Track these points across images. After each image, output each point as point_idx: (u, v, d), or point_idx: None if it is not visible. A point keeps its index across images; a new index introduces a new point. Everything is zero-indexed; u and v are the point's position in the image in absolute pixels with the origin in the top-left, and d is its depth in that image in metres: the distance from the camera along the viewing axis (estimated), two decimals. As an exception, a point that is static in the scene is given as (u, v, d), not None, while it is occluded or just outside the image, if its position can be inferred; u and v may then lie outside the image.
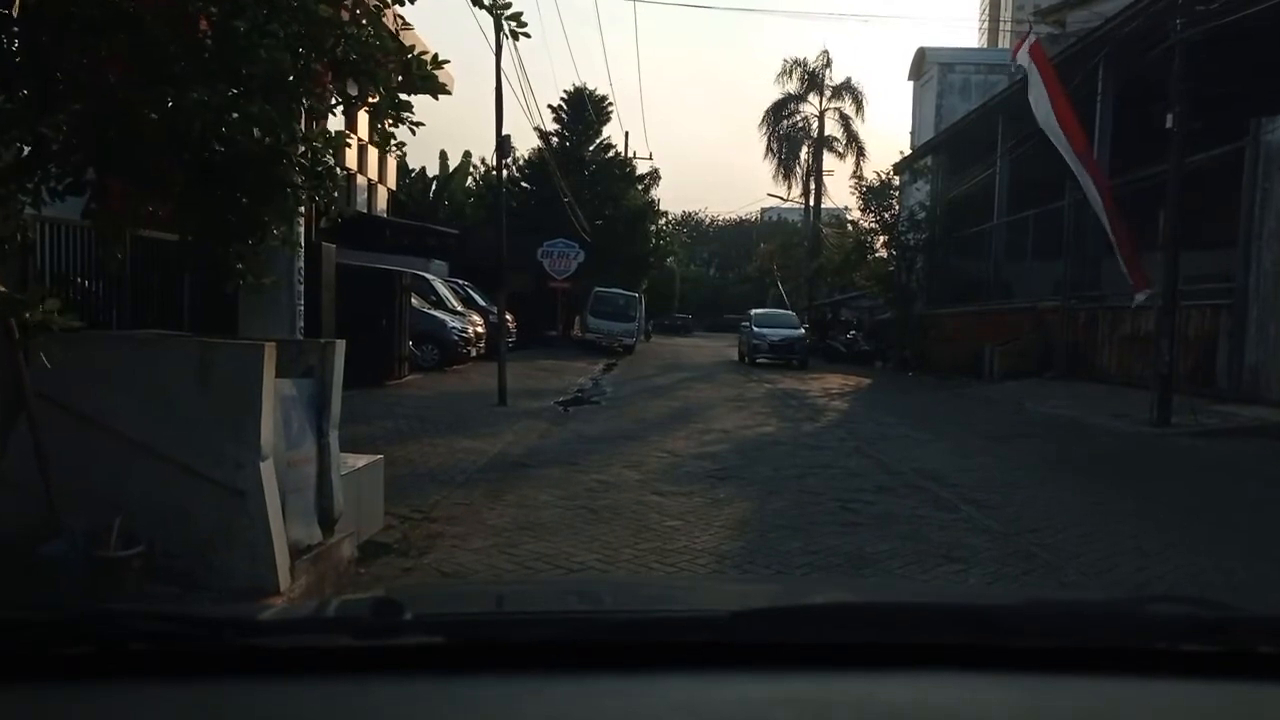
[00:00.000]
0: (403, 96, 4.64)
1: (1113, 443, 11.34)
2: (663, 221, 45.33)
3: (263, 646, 1.06)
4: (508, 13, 5.49)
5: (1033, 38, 16.69)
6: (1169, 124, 12.52)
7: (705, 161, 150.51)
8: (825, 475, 8.13)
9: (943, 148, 28.13)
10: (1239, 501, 8.02)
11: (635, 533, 5.74)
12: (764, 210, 69.91)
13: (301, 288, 5.53)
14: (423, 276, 18.53)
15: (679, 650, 1.07)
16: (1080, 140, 15.95)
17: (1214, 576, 5.24)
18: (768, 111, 40.63)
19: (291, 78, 4.34)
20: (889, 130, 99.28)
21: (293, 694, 1.00)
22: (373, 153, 22.75)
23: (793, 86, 40.05)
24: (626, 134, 52.72)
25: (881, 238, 28.13)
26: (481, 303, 21.08)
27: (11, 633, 1.06)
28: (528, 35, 4.92)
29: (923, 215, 26.48)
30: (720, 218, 79.90)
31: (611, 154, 36.56)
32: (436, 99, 4.55)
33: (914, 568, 5.18)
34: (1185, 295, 13.92)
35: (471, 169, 35.46)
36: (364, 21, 4.50)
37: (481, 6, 4.83)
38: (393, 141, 4.95)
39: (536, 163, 32.90)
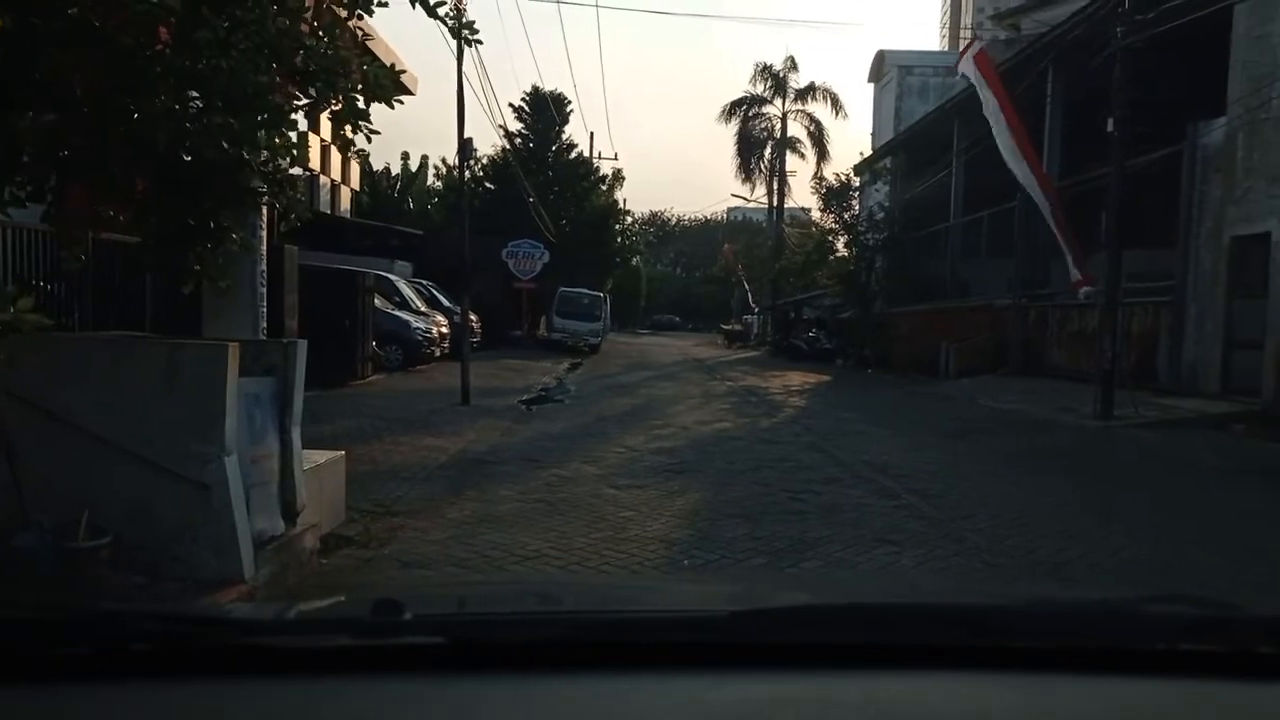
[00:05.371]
0: (361, 104, 4.84)
1: (1057, 435, 11.76)
2: (628, 221, 45.62)
3: (263, 646, 1.07)
4: (462, 20, 5.77)
5: (977, 47, 17.13)
6: (1110, 128, 13.00)
7: (672, 162, 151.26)
8: (779, 469, 8.41)
9: (901, 149, 28.67)
10: (1170, 488, 8.43)
11: (590, 523, 5.97)
12: (730, 210, 70.38)
13: (264, 289, 5.68)
14: (386, 277, 18.61)
15: (679, 650, 1.07)
16: (1027, 144, 16.43)
17: (1136, 552, 5.59)
18: (725, 109, 41.14)
19: (253, 88, 4.52)
20: (850, 132, 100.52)
21: (293, 694, 1.00)
22: (336, 153, 22.75)
23: (761, 89, 40.60)
24: (591, 134, 52.69)
25: (842, 238, 28.62)
26: (446, 303, 21.17)
27: (12, 633, 1.06)
28: (480, 41, 5.26)
29: (882, 215, 26.99)
30: (686, 217, 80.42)
31: (575, 154, 36.76)
32: (393, 108, 4.75)
33: (852, 550, 5.46)
34: (1129, 293, 14.46)
35: (434, 169, 35.52)
36: (321, 34, 4.69)
37: (435, 16, 5.02)
38: (353, 148, 5.15)
39: (500, 163, 32.99)
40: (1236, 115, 13.27)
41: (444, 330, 19.03)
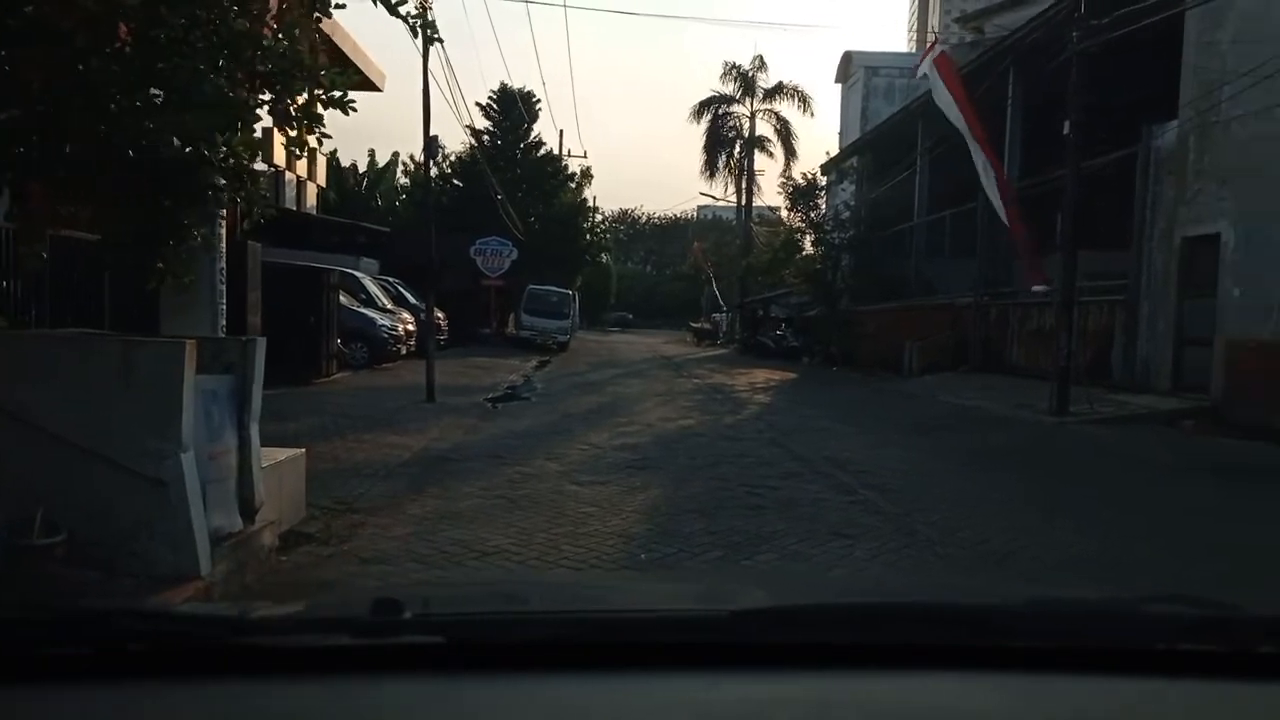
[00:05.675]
0: (317, 108, 4.87)
1: (1013, 432, 12.01)
2: (597, 218, 45.67)
3: (262, 646, 1.07)
4: (425, 20, 5.85)
5: (938, 49, 17.43)
6: (1066, 131, 13.28)
7: (643, 161, 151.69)
8: (739, 464, 8.53)
9: (868, 149, 28.99)
10: (1120, 484, 8.65)
11: (550, 519, 6.04)
12: (700, 208, 70.71)
13: (223, 286, 5.69)
14: (352, 274, 18.54)
15: (679, 650, 1.07)
16: (986, 146, 16.72)
17: (1084, 547, 5.75)
18: (694, 109, 41.35)
19: (210, 86, 4.54)
20: (819, 131, 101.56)
21: (292, 694, 1.00)
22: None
23: (730, 88, 40.86)
24: (561, 132, 52.87)
25: (809, 236, 28.91)
26: (413, 301, 21.11)
27: (11, 633, 1.06)
28: (440, 40, 5.39)
29: (848, 215, 27.29)
30: (656, 215, 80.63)
31: (543, 152, 36.74)
32: (348, 114, 4.79)
33: (806, 544, 5.58)
34: (1085, 292, 14.79)
35: (402, 165, 35.37)
36: (280, 35, 4.72)
37: (396, 14, 5.07)
38: (307, 148, 5.18)
39: (468, 161, 32.89)
40: (1188, 119, 13.60)
41: (410, 328, 18.98)
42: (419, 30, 5.67)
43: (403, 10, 5.11)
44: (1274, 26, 11.64)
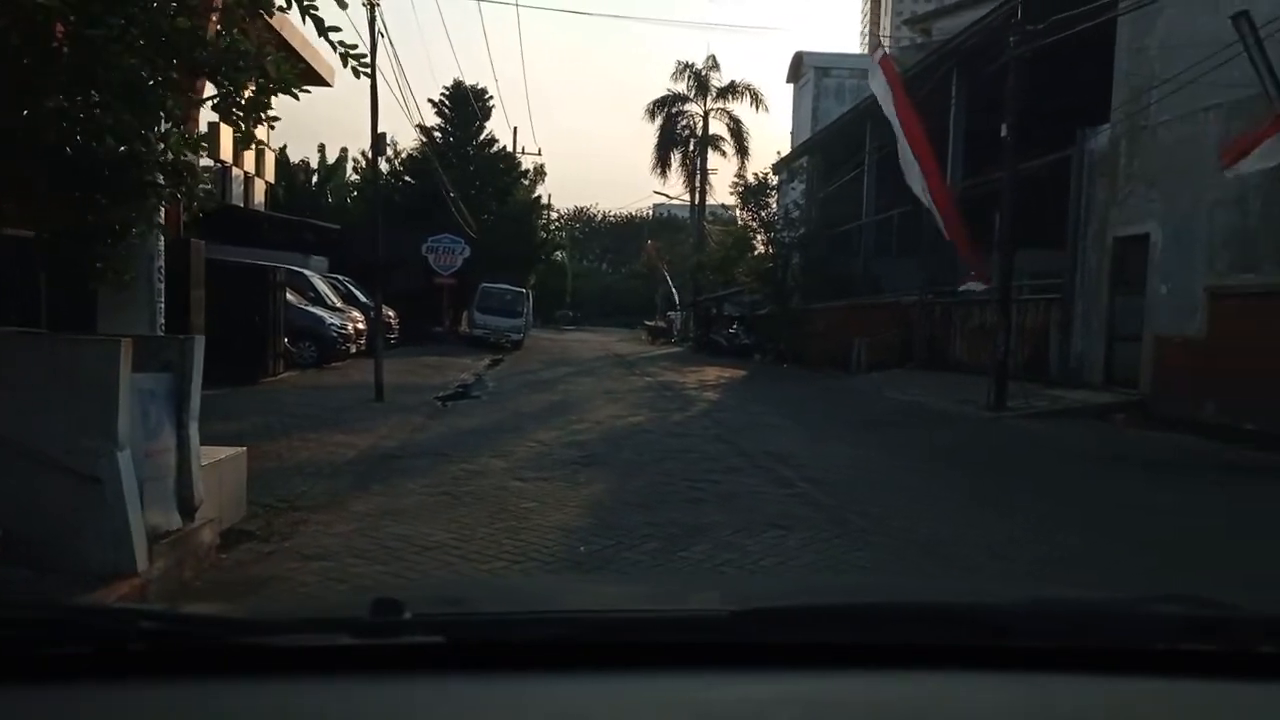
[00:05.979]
0: (264, 97, 4.89)
1: (954, 426, 12.36)
2: (553, 215, 45.66)
3: (262, 646, 1.07)
4: (371, 63, 5.85)
5: (880, 52, 17.79)
6: (1003, 133, 13.67)
7: (601, 161, 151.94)
8: (684, 460, 8.69)
9: (818, 149, 29.39)
10: (1052, 475, 8.98)
11: (492, 514, 6.12)
12: (655, 207, 71.00)
13: (162, 285, 5.68)
14: (300, 272, 18.38)
15: (679, 650, 1.08)
16: (924, 148, 17.10)
17: (1001, 530, 5.99)
18: (649, 107, 41.59)
19: (151, 83, 4.54)
20: (772, 130, 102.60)
21: (292, 694, 1.00)
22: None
23: (683, 87, 41.13)
24: (515, 129, 52.67)
25: (761, 235, 29.25)
26: (363, 299, 20.95)
27: (11, 633, 1.07)
28: (369, 75, 5.38)
29: (798, 214, 27.66)
30: (612, 213, 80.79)
31: (497, 149, 36.64)
32: (298, 99, 4.82)
33: (741, 534, 5.74)
34: (1023, 290, 15.22)
35: (353, 162, 35.03)
36: (222, 31, 4.74)
37: (325, 37, 5.07)
38: (256, 141, 5.20)
39: (420, 158, 32.68)
40: (1119, 122, 14.08)
41: (360, 326, 18.86)
42: (347, 60, 5.61)
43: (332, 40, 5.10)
44: (1198, 33, 12.10)
